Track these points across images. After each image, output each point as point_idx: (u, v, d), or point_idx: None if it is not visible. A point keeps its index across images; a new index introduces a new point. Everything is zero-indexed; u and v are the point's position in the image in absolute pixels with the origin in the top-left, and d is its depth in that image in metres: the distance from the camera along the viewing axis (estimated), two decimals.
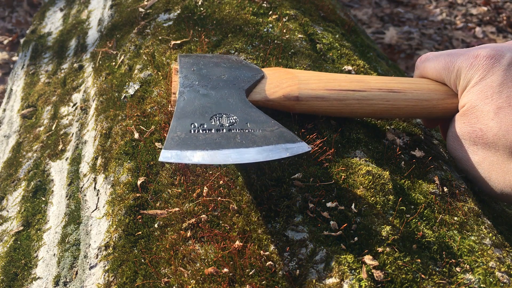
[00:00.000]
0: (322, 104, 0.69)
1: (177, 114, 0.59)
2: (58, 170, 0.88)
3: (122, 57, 1.00)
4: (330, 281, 0.50)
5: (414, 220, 0.59)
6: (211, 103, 0.63)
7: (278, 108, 0.70)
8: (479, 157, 0.66)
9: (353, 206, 0.59)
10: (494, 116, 0.62)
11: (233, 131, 0.57)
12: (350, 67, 0.89)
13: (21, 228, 0.79)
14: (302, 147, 0.55)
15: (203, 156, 0.51)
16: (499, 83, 0.63)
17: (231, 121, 0.59)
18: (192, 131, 0.56)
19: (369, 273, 0.50)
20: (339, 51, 0.96)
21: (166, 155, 0.51)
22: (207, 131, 0.56)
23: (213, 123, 0.58)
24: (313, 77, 0.71)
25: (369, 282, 0.49)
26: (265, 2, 1.06)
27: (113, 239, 0.63)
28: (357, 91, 0.69)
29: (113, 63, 1.01)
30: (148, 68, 0.90)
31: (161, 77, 0.86)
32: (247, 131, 0.57)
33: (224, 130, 0.56)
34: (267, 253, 0.54)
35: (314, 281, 0.50)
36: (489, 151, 0.64)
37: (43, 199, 0.83)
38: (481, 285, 0.52)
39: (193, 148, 0.52)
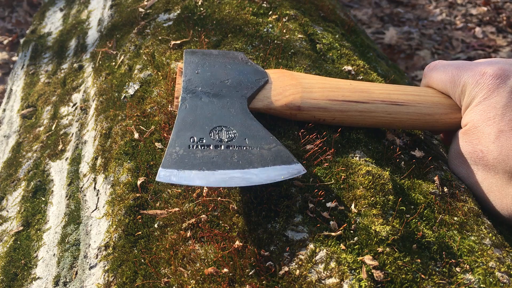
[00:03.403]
0: (324, 114, 0.68)
1: (178, 124, 0.59)
2: (58, 170, 0.88)
3: (122, 57, 1.00)
4: (330, 281, 0.50)
5: (414, 220, 0.59)
6: (212, 113, 0.62)
7: (279, 116, 0.70)
8: (479, 177, 0.65)
9: (353, 206, 0.59)
10: (495, 140, 0.61)
11: (231, 148, 0.57)
12: (350, 67, 0.89)
13: (21, 228, 0.79)
14: (297, 170, 0.55)
15: (199, 176, 0.52)
16: (503, 105, 0.61)
17: (230, 136, 0.59)
18: (190, 146, 0.56)
19: (369, 273, 0.50)
20: (339, 51, 0.96)
21: (164, 174, 0.50)
22: (206, 147, 0.56)
23: (212, 137, 0.58)
24: (317, 84, 0.70)
25: (369, 282, 0.49)
26: (265, 2, 1.06)
27: (113, 239, 0.63)
28: (359, 103, 0.68)
29: (113, 63, 1.01)
30: (148, 68, 0.90)
31: (161, 77, 0.86)
32: (244, 148, 0.57)
33: (223, 147, 0.57)
34: (267, 253, 0.54)
35: (314, 281, 0.50)
36: (488, 173, 0.63)
37: (43, 199, 0.83)
38: (481, 285, 0.52)
39: (190, 168, 0.52)
